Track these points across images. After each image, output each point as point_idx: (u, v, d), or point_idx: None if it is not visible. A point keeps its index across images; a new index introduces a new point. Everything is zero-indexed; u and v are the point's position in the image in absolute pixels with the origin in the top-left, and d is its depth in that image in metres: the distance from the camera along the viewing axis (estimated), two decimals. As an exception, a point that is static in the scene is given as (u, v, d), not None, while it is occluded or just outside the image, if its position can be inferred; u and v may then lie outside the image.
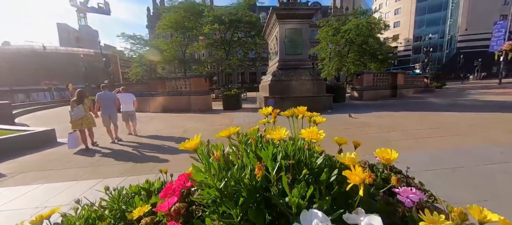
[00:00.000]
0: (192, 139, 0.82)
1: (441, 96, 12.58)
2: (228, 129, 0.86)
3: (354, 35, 18.29)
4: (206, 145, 0.94)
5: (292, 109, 1.10)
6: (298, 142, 0.89)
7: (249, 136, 1.09)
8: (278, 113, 1.21)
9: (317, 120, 1.06)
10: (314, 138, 0.76)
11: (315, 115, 1.04)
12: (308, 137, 0.78)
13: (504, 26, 20.67)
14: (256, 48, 19.78)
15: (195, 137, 0.84)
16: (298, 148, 0.86)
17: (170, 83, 12.02)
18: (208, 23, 15.34)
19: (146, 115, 10.80)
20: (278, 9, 8.65)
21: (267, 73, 12.08)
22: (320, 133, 0.78)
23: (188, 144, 0.79)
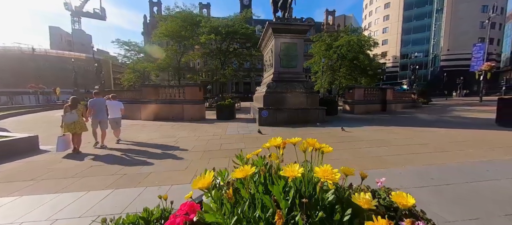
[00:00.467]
0: (204, 176, 0.78)
1: (428, 112, 13.10)
2: (244, 169, 0.79)
3: (345, 51, 19.06)
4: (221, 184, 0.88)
5: (304, 143, 1.04)
6: (308, 173, 0.85)
7: (257, 164, 1.02)
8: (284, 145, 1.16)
9: (325, 150, 1.02)
10: (330, 179, 0.71)
11: (324, 147, 0.99)
12: (324, 177, 0.72)
13: (483, 48, 22.29)
14: (251, 59, 20.12)
15: (207, 174, 0.80)
16: (310, 183, 0.82)
17: (164, 91, 11.89)
18: (205, 33, 15.55)
19: (137, 122, 10.53)
20: (274, 23, 8.93)
21: (262, 84, 12.22)
22: (334, 172, 0.74)
23: (200, 183, 0.76)
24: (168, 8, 17.24)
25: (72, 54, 48.00)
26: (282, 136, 5.03)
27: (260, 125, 8.39)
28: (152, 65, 18.88)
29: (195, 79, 19.57)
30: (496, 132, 5.94)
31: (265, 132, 6.91)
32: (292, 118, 8.63)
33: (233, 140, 5.95)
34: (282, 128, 7.66)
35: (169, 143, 5.82)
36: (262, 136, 6.37)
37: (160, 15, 22.20)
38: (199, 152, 4.80)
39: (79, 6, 68.13)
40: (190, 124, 9.55)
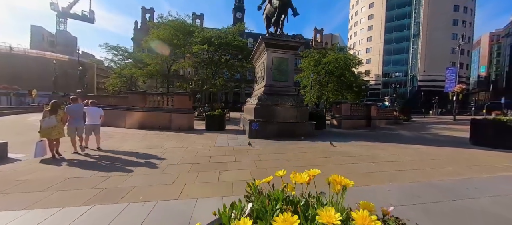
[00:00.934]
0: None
1: (409, 128, 13.84)
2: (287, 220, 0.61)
3: (333, 68, 19.96)
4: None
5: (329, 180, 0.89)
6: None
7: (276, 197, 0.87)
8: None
9: (347, 183, 0.85)
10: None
11: (345, 181, 0.85)
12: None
13: (455, 71, 24.48)
14: (242, 71, 20.36)
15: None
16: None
17: (151, 99, 11.53)
18: (198, 43, 15.61)
19: (121, 131, 10.01)
20: (267, 38, 9.19)
21: (253, 96, 12.30)
22: (374, 219, 0.62)
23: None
24: (161, 16, 17.24)
25: (53, 55, 45.61)
26: (273, 149, 5.13)
27: (251, 137, 8.32)
28: (141, 72, 18.42)
29: (184, 88, 19.28)
30: (471, 151, 6.36)
31: (256, 145, 6.85)
32: (282, 131, 8.67)
33: (223, 153, 5.81)
34: (273, 141, 7.64)
35: (155, 154, 5.55)
36: (252, 149, 6.29)
37: (153, 22, 22.05)
38: (187, 165, 4.61)
39: (67, 8, 65.98)
40: (177, 134, 9.25)
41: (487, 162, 5.16)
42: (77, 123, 5.67)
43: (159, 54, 18.84)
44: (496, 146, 6.62)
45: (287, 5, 9.54)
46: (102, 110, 6.56)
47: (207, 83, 20.84)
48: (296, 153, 5.80)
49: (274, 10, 9.77)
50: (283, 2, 9.25)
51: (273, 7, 9.71)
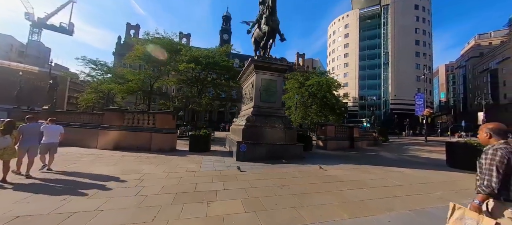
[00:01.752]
0: None
1: (389, 150, 14.50)
2: None
3: (316, 90, 20.88)
4: None
5: None
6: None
7: None
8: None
9: None
10: None
11: None
12: None
13: (422, 97, 27.21)
14: (229, 90, 20.31)
15: None
16: None
17: (130, 116, 10.72)
18: (185, 62, 15.42)
19: (92, 151, 8.96)
20: (256, 60, 9.36)
21: (240, 116, 12.09)
22: None
23: None
24: (147, 33, 16.99)
25: (20, 66, 41.76)
26: (263, 174, 4.79)
27: (238, 160, 7.94)
28: (120, 87, 17.40)
29: (168, 105, 18.49)
30: (450, 174, 6.68)
31: (244, 169, 6.48)
32: (271, 153, 8.44)
33: (210, 179, 5.35)
34: (261, 164, 7.34)
35: (131, 181, 4.91)
36: (241, 174, 5.91)
37: (138, 38, 21.59)
38: (169, 195, 4.09)
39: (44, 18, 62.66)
40: (158, 156, 8.51)
41: (467, 186, 5.39)
42: (30, 143, 5.18)
43: (142, 70, 18.19)
44: (470, 168, 7.05)
45: (276, 31, 10.00)
46: (62, 128, 6.15)
47: (191, 101, 20.31)
48: (288, 179, 5.55)
49: (263, 35, 10.14)
50: (272, 28, 9.67)
51: (262, 32, 10.09)
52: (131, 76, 16.90)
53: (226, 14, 60.56)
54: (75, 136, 10.67)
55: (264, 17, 9.80)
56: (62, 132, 6.04)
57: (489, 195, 1.83)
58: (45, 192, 4.07)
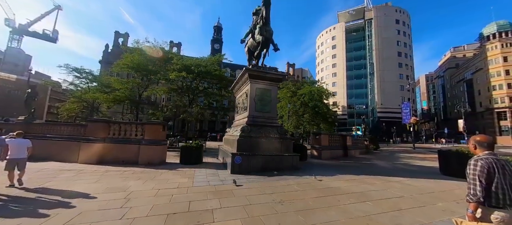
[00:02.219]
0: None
1: (381, 158, 14.65)
2: None
3: (308, 99, 21.10)
4: None
5: None
6: None
7: None
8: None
9: None
10: None
11: None
12: None
13: (408, 106, 28.41)
14: (221, 99, 19.98)
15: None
16: None
17: (116, 127, 10.07)
18: (176, 70, 15.02)
19: (72, 167, 8.20)
20: (251, 69, 9.24)
21: (233, 126, 11.77)
22: None
23: None
24: (137, 41, 16.53)
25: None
26: (261, 188, 4.43)
27: (233, 172, 7.57)
28: (106, 97, 16.56)
29: (157, 115, 17.76)
30: (447, 183, 6.68)
31: (241, 183, 6.13)
32: (267, 164, 8.15)
33: (204, 195, 4.95)
34: (258, 177, 7.01)
35: (116, 200, 4.41)
36: (238, 189, 5.56)
37: (127, 46, 20.98)
38: (160, 217, 3.66)
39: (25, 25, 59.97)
40: (146, 170, 7.93)
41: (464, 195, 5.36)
42: None
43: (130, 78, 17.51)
44: (463, 176, 7.14)
45: (269, 41, 10.01)
46: (30, 142, 5.76)
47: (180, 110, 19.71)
48: (287, 193, 5.27)
49: (257, 44, 10.12)
50: (266, 38, 9.68)
51: (256, 41, 10.07)
52: (118, 85, 16.17)
53: (218, 24, 61.26)
54: (53, 149, 9.83)
55: (258, 27, 9.82)
56: (29, 147, 5.65)
57: (477, 203, 1.98)
58: (7, 213, 3.50)
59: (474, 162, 2.10)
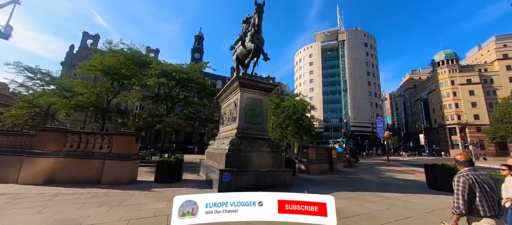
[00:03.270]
0: None
1: (365, 171, 14.86)
2: None
3: (292, 112, 21.11)
4: None
5: None
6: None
7: None
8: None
9: None
10: None
11: None
12: None
13: (382, 121, 30.55)
14: (202, 109, 18.73)
15: None
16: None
17: (75, 138, 8.33)
18: (154, 76, 13.59)
19: (7, 189, 6.29)
20: (242, 77, 8.61)
21: (218, 138, 10.79)
22: None
23: None
24: (110, 42, 14.72)
25: None
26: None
27: (221, 191, 6.54)
28: (66, 102, 14.16)
29: (128, 125, 15.70)
30: (443, 198, 6.63)
31: (233, 206, 5.20)
32: (258, 181, 7.33)
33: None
34: (251, 197, 6.13)
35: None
36: (232, 215, 4.62)
37: (95, 48, 18.76)
38: (133, 267, 2.60)
39: (-35, 16, 51.07)
40: (112, 191, 6.46)
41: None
42: None
43: (99, 82, 15.42)
44: (450, 190, 7.29)
45: (260, 49, 9.62)
46: None
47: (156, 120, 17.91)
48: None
49: (247, 52, 9.65)
50: (257, 46, 9.27)
51: (247, 49, 9.59)
52: (82, 89, 13.96)
53: (199, 34, 60.37)
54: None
55: (249, 35, 9.40)
56: None
57: (459, 215, 2.27)
58: None
59: (457, 178, 2.39)
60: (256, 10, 8.95)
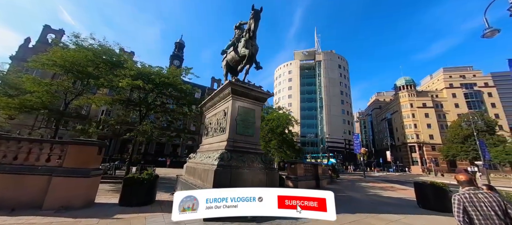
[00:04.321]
0: None
1: (349, 188, 14.75)
2: None
3: (275, 125, 20.70)
4: None
5: None
6: None
7: None
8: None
9: None
10: None
11: None
12: None
13: (358, 137, 32.04)
14: (182, 118, 17.05)
15: None
16: None
17: (12, 147, 6.39)
18: (128, 77, 11.85)
19: None
20: (235, 84, 7.79)
21: (201, 151, 9.55)
22: None
23: None
24: (77, 35, 12.56)
25: None
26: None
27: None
28: (7, 101, 11.42)
29: (89, 133, 13.24)
30: (439, 219, 6.49)
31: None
32: (250, 203, 6.34)
33: None
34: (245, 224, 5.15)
35: None
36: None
37: (59, 40, 16.12)
38: None
39: None
40: (56, 221, 4.81)
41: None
42: None
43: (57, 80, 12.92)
44: (442, 209, 7.27)
45: (254, 57, 9.08)
46: None
47: (125, 128, 15.68)
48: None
49: (240, 59, 9.02)
50: (252, 53, 8.71)
51: (240, 55, 8.94)
52: (32, 87, 11.43)
53: (180, 41, 58.46)
54: None
55: (244, 40, 8.81)
56: None
57: None
58: None
59: (453, 198, 2.40)
60: (252, 16, 8.48)
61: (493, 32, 8.12)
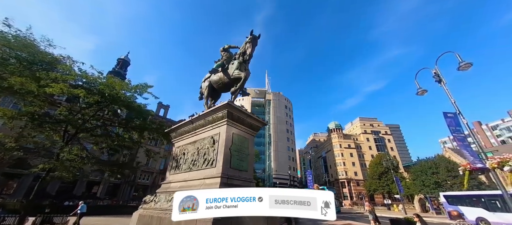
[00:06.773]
0: None
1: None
2: None
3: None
4: None
5: None
6: None
7: None
8: None
9: None
10: None
11: None
12: None
13: (311, 173, 33.89)
14: (132, 144, 12.89)
15: None
16: None
17: None
18: (63, 81, 8.26)
19: None
20: (232, 106, 6.63)
21: (164, 191, 7.14)
22: None
23: None
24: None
25: None
26: None
27: None
28: None
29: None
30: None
31: None
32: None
33: None
34: None
35: None
36: None
37: None
38: None
39: None
40: None
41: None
42: None
43: None
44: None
45: (245, 82, 8.44)
46: None
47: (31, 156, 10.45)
48: None
49: (231, 82, 8.20)
50: (245, 77, 8.07)
51: (231, 77, 8.11)
52: None
53: (125, 58, 51.20)
54: None
55: (238, 63, 8.15)
56: None
57: None
58: None
59: None
60: (250, 40, 8.16)
61: (423, 91, 10.82)
